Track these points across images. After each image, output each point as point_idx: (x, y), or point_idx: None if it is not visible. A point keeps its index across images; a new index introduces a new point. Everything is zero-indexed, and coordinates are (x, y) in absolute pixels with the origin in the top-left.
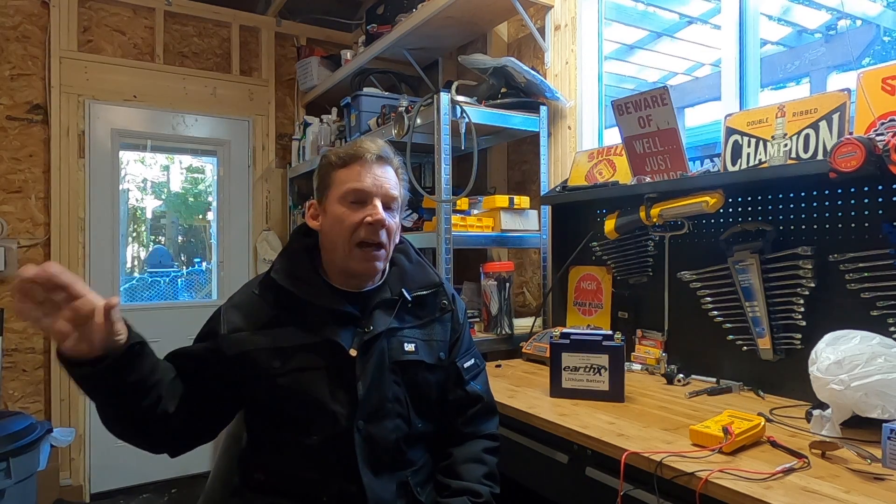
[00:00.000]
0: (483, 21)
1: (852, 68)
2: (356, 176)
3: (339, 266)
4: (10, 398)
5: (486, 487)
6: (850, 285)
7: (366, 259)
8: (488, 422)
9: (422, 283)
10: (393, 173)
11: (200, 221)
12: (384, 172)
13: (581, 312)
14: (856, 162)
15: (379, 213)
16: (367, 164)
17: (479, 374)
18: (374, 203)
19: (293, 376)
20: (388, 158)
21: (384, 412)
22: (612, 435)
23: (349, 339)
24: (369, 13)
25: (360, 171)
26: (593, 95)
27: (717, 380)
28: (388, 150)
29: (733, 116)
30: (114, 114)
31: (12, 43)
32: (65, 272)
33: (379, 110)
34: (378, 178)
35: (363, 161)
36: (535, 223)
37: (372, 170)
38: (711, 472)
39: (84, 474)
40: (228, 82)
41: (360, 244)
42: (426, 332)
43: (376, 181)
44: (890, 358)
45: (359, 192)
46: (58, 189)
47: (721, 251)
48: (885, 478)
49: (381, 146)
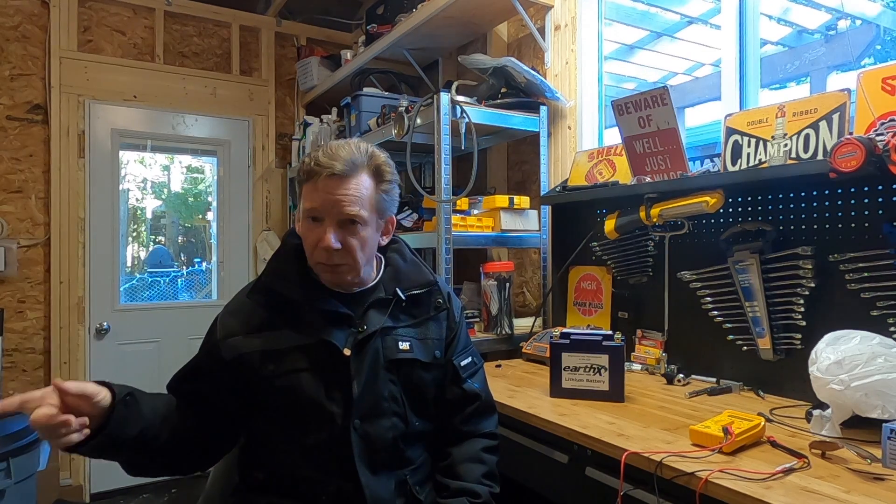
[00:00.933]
0: (483, 21)
1: (852, 68)
2: (310, 194)
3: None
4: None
5: (485, 487)
6: (850, 285)
7: (328, 273)
8: (486, 420)
9: (416, 282)
10: (360, 183)
11: (200, 221)
12: (342, 188)
13: (581, 312)
14: (856, 162)
15: (326, 240)
16: (322, 182)
17: (476, 372)
18: (325, 226)
19: (289, 378)
20: (351, 171)
21: (380, 411)
22: (612, 435)
23: (343, 338)
24: (369, 13)
25: (314, 188)
26: (593, 95)
27: (717, 380)
28: (356, 158)
29: (733, 116)
30: (114, 114)
31: (12, 43)
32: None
33: (379, 110)
34: (332, 196)
35: (317, 178)
36: (535, 223)
37: (326, 188)
38: (711, 472)
39: (84, 474)
40: (228, 82)
41: (318, 262)
42: (421, 330)
43: (328, 200)
44: (890, 358)
45: (313, 211)
46: (58, 189)
47: (721, 251)
48: (885, 478)
49: (345, 156)
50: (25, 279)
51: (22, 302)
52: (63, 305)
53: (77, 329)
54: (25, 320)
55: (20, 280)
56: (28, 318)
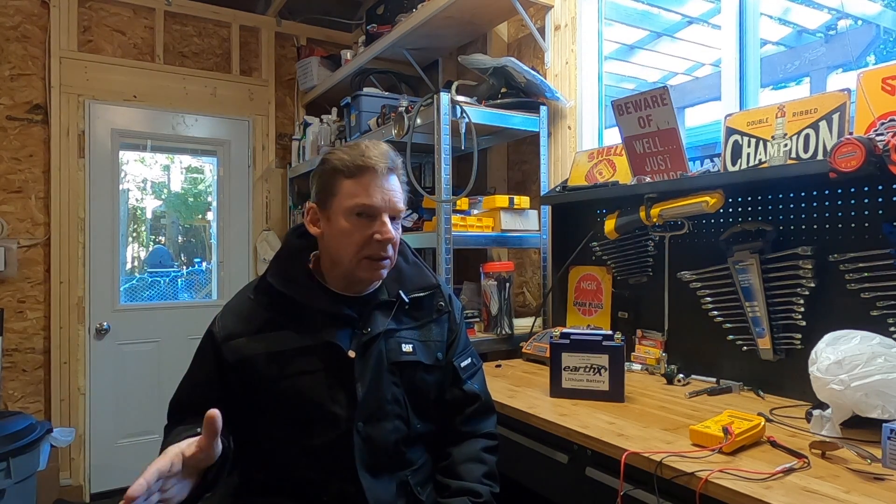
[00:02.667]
0: (483, 21)
1: (852, 68)
2: (365, 190)
3: (342, 272)
4: (10, 398)
5: (485, 487)
6: (850, 285)
7: (372, 269)
8: (486, 421)
9: (419, 285)
10: (398, 182)
11: (200, 221)
12: (392, 185)
13: (581, 312)
14: (856, 162)
15: (389, 232)
16: (377, 177)
17: (476, 373)
18: (384, 219)
19: (292, 380)
20: (395, 167)
21: (383, 413)
22: (612, 435)
23: (347, 340)
24: (369, 13)
25: (369, 184)
26: (593, 95)
27: (717, 380)
28: (394, 157)
29: (733, 116)
30: (114, 114)
31: (12, 43)
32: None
33: (379, 110)
34: (387, 192)
35: (373, 174)
36: (535, 223)
37: (381, 183)
38: (711, 472)
39: (84, 474)
40: (228, 82)
41: (368, 257)
42: (423, 332)
43: (385, 195)
44: (890, 358)
45: (369, 208)
46: (58, 189)
47: (721, 251)
48: (885, 478)
49: (387, 154)
50: (25, 279)
51: (22, 302)
52: (63, 305)
53: (77, 329)
54: (25, 320)
55: (20, 280)
56: (28, 318)
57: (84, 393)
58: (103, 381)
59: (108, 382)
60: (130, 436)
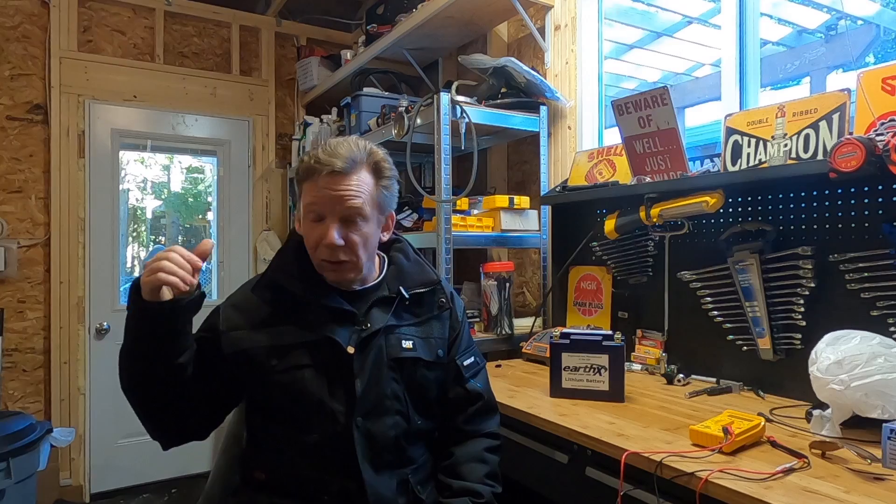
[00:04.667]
0: (483, 21)
1: (852, 68)
2: (312, 192)
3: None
4: (10, 398)
5: (487, 487)
6: (850, 285)
7: (333, 271)
8: (489, 420)
9: (420, 281)
10: (361, 179)
11: (200, 221)
12: (343, 184)
13: (581, 312)
14: (856, 162)
15: (330, 237)
16: (323, 179)
17: (479, 372)
18: (328, 223)
19: (291, 374)
20: (351, 167)
21: (383, 409)
22: (612, 435)
23: (347, 336)
24: (369, 13)
25: (314, 186)
26: (593, 95)
27: (717, 380)
28: (356, 155)
29: (733, 116)
30: (114, 114)
31: (12, 43)
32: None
33: (379, 110)
34: (334, 192)
35: (318, 176)
36: (535, 223)
37: (328, 185)
38: (711, 472)
39: (84, 474)
40: (228, 82)
41: (324, 259)
42: (424, 329)
43: (331, 196)
44: (890, 358)
45: (313, 212)
46: (58, 189)
47: (721, 251)
48: (885, 478)
49: (345, 153)
50: (25, 279)
51: (22, 302)
52: (63, 305)
53: (77, 329)
54: (25, 320)
55: (20, 280)
56: (28, 318)
57: (84, 393)
58: (103, 381)
59: (108, 382)
60: (130, 436)
